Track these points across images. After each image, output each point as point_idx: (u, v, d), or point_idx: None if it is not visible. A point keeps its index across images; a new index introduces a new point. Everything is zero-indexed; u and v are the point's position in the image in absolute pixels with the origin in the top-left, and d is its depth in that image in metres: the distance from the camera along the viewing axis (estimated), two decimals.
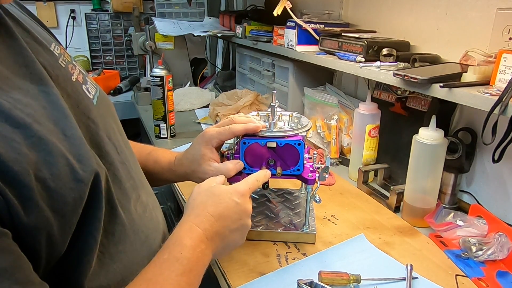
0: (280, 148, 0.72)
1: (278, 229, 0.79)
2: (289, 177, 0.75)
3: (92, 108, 0.50)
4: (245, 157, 0.72)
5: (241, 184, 0.63)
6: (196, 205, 0.58)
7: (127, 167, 0.54)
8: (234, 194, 0.60)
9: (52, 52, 0.49)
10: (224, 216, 0.57)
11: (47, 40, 0.50)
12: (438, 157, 0.83)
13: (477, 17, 0.87)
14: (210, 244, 0.55)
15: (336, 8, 1.35)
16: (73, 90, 0.48)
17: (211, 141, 0.72)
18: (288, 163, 0.73)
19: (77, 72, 0.52)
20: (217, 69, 2.42)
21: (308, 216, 0.79)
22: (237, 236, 0.60)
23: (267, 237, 0.79)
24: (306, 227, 0.79)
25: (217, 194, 0.59)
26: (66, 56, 0.52)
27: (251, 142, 0.71)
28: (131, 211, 0.52)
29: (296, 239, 0.79)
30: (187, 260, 0.50)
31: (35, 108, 0.40)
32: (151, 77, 1.32)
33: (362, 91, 1.30)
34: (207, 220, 0.56)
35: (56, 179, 0.38)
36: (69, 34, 2.48)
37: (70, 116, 0.43)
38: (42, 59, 0.45)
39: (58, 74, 0.47)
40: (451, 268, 0.72)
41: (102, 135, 0.50)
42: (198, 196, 0.60)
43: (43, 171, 0.37)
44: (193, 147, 0.74)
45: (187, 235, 0.53)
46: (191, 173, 0.74)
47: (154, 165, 0.77)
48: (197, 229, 0.54)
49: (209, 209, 0.57)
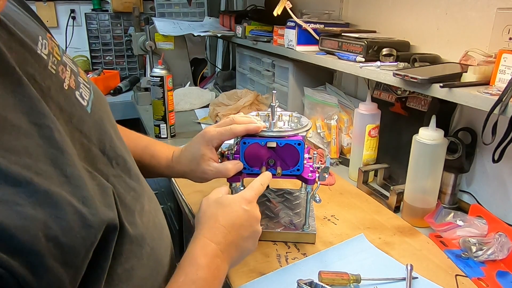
0: (280, 148, 0.72)
1: (278, 229, 0.79)
2: (289, 177, 0.75)
3: (86, 118, 0.47)
4: (245, 157, 0.73)
5: (248, 191, 0.63)
6: (207, 218, 0.58)
7: (124, 180, 0.50)
8: (243, 202, 0.60)
9: (40, 55, 0.43)
10: (236, 225, 0.58)
11: (34, 36, 0.44)
12: (438, 157, 0.83)
13: (477, 17, 0.87)
14: (225, 256, 0.56)
15: (336, 8, 1.35)
16: (66, 101, 0.44)
17: (212, 141, 0.71)
18: (288, 163, 0.73)
19: (69, 75, 0.47)
20: (217, 69, 2.42)
21: (308, 216, 0.79)
22: (249, 243, 0.60)
23: (267, 237, 0.79)
24: (306, 227, 0.79)
25: (226, 205, 0.59)
26: (55, 51, 0.47)
27: (251, 142, 0.72)
28: (137, 224, 0.50)
29: (296, 239, 0.79)
30: (203, 280, 0.51)
31: (31, 151, 0.36)
32: (151, 77, 1.32)
33: (362, 91, 1.30)
34: (220, 232, 0.56)
35: (67, 233, 0.36)
36: (69, 34, 2.48)
37: (67, 152, 0.40)
38: (30, 69, 0.40)
39: (50, 85, 0.42)
40: (451, 268, 0.72)
41: (95, 151, 0.47)
42: (208, 208, 0.60)
43: (53, 228, 0.35)
44: (193, 146, 0.73)
45: (201, 253, 0.54)
46: (190, 172, 0.73)
47: (150, 160, 0.76)
48: (211, 244, 0.55)
49: (221, 220, 0.57)
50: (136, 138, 0.79)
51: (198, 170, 0.72)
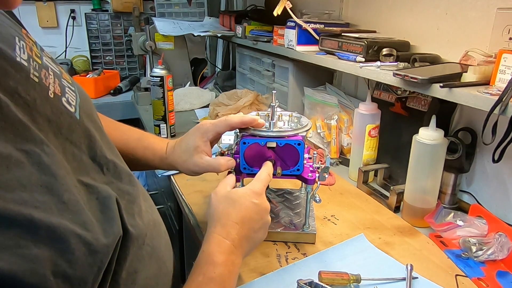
0: (280, 148, 0.72)
1: (278, 229, 0.79)
2: (289, 177, 0.75)
3: (74, 127, 0.45)
4: (245, 157, 0.73)
5: (255, 183, 0.64)
6: (219, 215, 0.60)
7: (116, 186, 0.49)
8: (252, 196, 0.62)
9: (21, 64, 0.39)
10: (247, 219, 0.60)
11: (10, 41, 0.40)
12: (438, 157, 0.83)
13: (477, 17, 0.87)
14: (239, 250, 0.58)
15: (336, 8, 1.35)
16: (53, 111, 0.42)
17: (207, 133, 0.71)
18: (288, 163, 0.73)
19: (52, 80, 0.44)
20: (217, 69, 2.42)
21: (308, 216, 0.79)
22: (260, 233, 0.63)
23: (267, 237, 0.79)
24: (306, 227, 0.79)
25: (236, 200, 0.61)
26: (34, 53, 0.43)
27: (251, 142, 0.71)
28: (139, 226, 0.49)
29: (296, 239, 0.79)
30: (221, 276, 0.53)
31: (25, 183, 0.34)
32: (151, 77, 1.32)
33: (362, 91, 1.30)
34: (233, 229, 0.58)
35: (74, 265, 0.35)
36: (69, 34, 2.48)
37: (59, 175, 0.38)
38: (11, 82, 0.37)
39: (35, 97, 0.39)
40: (451, 268, 0.72)
41: (86, 160, 0.45)
42: (219, 205, 0.61)
43: (60, 263, 0.34)
44: (188, 137, 0.73)
45: (217, 251, 0.55)
46: (182, 163, 0.73)
47: (144, 151, 0.75)
48: (225, 242, 0.56)
49: (233, 217, 0.59)
50: (127, 130, 0.78)
51: (190, 162, 0.71)
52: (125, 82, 2.25)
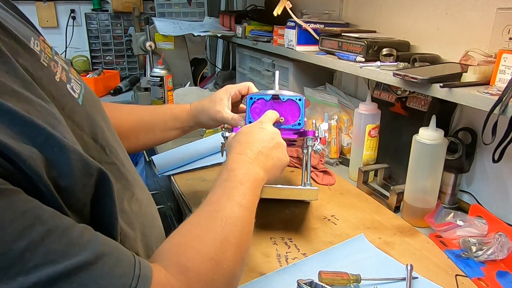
0: (283, 104, 0.80)
1: (279, 185, 0.75)
2: (290, 132, 0.80)
3: (77, 109, 0.48)
4: (251, 112, 0.81)
5: (261, 118, 0.75)
6: (233, 144, 0.68)
7: (117, 167, 0.53)
8: (257, 123, 0.73)
9: (33, 50, 0.45)
10: (257, 139, 0.68)
11: (26, 35, 0.45)
12: (438, 157, 0.83)
13: (477, 17, 0.87)
14: (256, 162, 0.65)
15: (336, 8, 1.35)
16: (57, 91, 0.46)
17: (230, 90, 0.86)
18: (290, 119, 0.80)
19: (60, 70, 0.49)
20: (217, 69, 2.42)
21: (309, 172, 0.81)
22: (278, 152, 0.69)
23: (268, 194, 0.73)
24: (308, 183, 0.79)
25: (245, 130, 0.71)
26: (47, 51, 0.49)
27: (257, 98, 0.81)
28: (126, 211, 0.52)
29: (298, 195, 0.77)
30: (234, 176, 0.60)
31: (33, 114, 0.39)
32: (151, 77, 1.33)
33: (362, 91, 1.30)
34: (246, 147, 0.66)
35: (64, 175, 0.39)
36: (69, 34, 2.48)
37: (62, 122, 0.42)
38: (22, 61, 0.42)
39: (42, 76, 0.44)
40: (451, 268, 0.72)
41: (87, 140, 0.48)
42: (233, 140, 0.70)
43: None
44: (214, 93, 0.87)
45: (234, 163, 0.63)
46: (204, 110, 0.85)
47: (171, 111, 0.89)
48: (240, 156, 0.64)
49: (243, 140, 0.68)
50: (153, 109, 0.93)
51: (212, 109, 0.84)
52: (125, 82, 2.25)
